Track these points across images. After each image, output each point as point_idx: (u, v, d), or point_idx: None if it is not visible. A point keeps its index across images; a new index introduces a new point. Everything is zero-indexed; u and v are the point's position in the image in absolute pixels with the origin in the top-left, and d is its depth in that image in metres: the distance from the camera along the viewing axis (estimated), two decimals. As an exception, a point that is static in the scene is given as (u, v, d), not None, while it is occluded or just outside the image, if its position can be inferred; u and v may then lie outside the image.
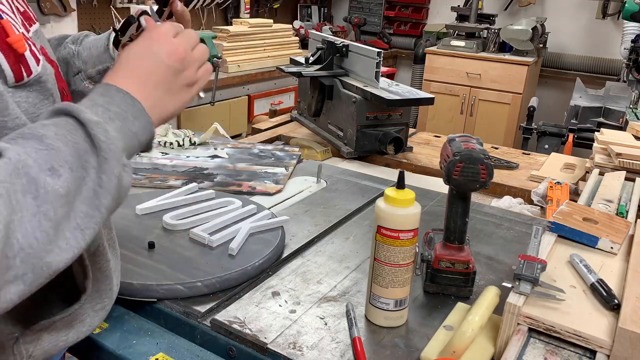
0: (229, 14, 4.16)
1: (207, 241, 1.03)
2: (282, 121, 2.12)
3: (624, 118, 2.52)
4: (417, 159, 1.74)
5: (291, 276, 1.00)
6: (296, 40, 3.75)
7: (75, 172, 0.55)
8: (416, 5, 4.96)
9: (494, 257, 1.11)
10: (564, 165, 1.67)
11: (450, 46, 4.11)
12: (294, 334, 0.83)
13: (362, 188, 1.42)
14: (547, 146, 2.83)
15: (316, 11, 5.07)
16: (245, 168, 1.50)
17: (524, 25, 3.89)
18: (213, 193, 1.24)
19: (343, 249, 1.11)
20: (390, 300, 0.85)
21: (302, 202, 1.32)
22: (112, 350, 0.82)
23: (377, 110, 1.69)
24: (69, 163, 0.55)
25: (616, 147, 1.43)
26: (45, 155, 0.53)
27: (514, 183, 1.55)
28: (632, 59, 3.07)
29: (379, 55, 1.66)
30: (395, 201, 0.81)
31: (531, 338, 0.79)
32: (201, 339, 0.86)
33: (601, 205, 1.15)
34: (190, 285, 0.91)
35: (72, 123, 0.58)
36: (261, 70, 3.33)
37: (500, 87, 3.97)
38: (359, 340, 0.81)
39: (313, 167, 1.52)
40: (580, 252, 0.94)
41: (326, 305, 0.91)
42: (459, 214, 0.93)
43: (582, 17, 4.35)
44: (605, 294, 0.82)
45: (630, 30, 3.56)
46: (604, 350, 0.74)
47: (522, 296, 0.79)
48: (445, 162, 0.90)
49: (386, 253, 0.83)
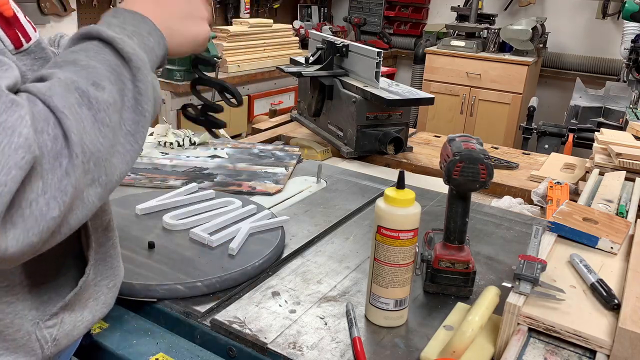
0: (229, 14, 4.16)
1: (207, 241, 1.03)
2: (282, 121, 2.12)
3: (624, 118, 2.52)
4: (417, 159, 1.74)
5: (291, 276, 1.00)
6: (296, 40, 3.75)
7: (115, 85, 0.59)
8: (416, 5, 4.96)
9: (494, 257, 1.11)
10: (564, 165, 1.67)
11: (450, 46, 4.11)
12: (294, 334, 0.83)
13: (362, 188, 1.42)
14: (547, 146, 2.83)
15: (316, 11, 5.07)
16: (245, 168, 1.50)
17: (524, 25, 3.89)
18: (213, 193, 1.24)
19: (343, 249, 1.11)
20: (390, 300, 0.85)
21: (302, 202, 1.32)
22: (112, 350, 0.82)
23: (377, 110, 1.69)
24: (107, 77, 0.59)
25: (616, 147, 1.43)
26: (85, 74, 0.57)
27: (514, 183, 1.55)
28: (632, 59, 3.07)
29: (379, 55, 1.66)
30: (395, 201, 0.81)
31: (531, 338, 0.79)
32: (201, 339, 0.86)
33: (601, 205, 1.15)
34: (190, 285, 0.91)
35: (97, 44, 0.61)
36: (261, 70, 3.33)
37: (500, 87, 3.97)
38: (359, 340, 0.81)
39: (313, 167, 1.52)
40: (580, 252, 0.94)
41: (326, 305, 0.91)
42: (459, 214, 0.93)
43: (582, 17, 4.35)
44: (605, 294, 0.82)
45: (630, 30, 3.56)
46: (604, 350, 0.74)
47: (522, 296, 0.79)
48: (445, 162, 0.90)
49: (386, 253, 0.83)
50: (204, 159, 1.55)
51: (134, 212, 1.14)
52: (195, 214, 1.14)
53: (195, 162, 1.51)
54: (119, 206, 1.16)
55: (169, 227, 1.09)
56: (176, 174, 1.43)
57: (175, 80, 2.83)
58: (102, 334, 0.85)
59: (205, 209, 1.17)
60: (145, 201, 1.17)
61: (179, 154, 1.57)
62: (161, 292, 0.90)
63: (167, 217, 1.10)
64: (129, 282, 0.89)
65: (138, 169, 1.44)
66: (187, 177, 1.40)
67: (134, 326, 0.87)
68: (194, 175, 1.43)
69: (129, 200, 1.19)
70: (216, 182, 1.38)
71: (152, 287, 0.90)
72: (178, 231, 1.08)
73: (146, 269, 0.94)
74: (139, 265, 0.95)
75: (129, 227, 1.09)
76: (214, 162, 1.53)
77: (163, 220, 1.10)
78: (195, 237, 1.05)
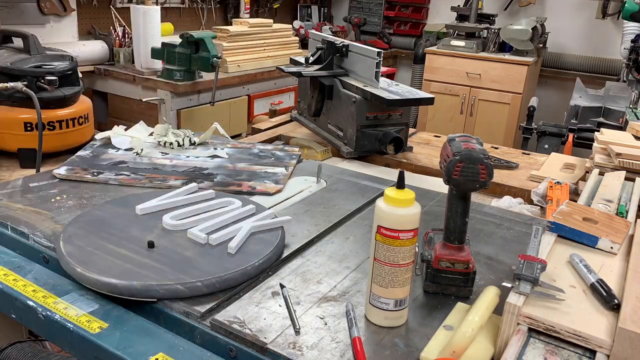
0: (229, 14, 4.16)
1: (208, 240, 1.03)
2: (282, 121, 2.12)
3: (623, 118, 2.52)
4: (417, 159, 1.74)
5: (291, 276, 1.00)
6: (296, 40, 3.75)
7: None
8: (416, 5, 4.97)
9: (493, 257, 1.11)
10: (564, 165, 1.67)
11: (450, 46, 4.11)
12: (294, 334, 0.83)
13: (362, 188, 1.43)
14: (547, 146, 2.83)
15: (316, 11, 5.07)
16: (245, 168, 1.50)
17: (524, 25, 3.89)
18: (213, 193, 1.24)
19: (343, 249, 1.11)
20: (390, 300, 0.85)
21: (302, 202, 1.32)
22: (112, 350, 0.82)
23: (377, 110, 1.69)
24: None
25: (616, 147, 1.43)
26: None
27: (514, 183, 1.55)
28: (632, 58, 3.07)
29: (379, 55, 1.66)
30: (395, 201, 0.81)
31: (531, 338, 0.79)
32: (201, 339, 0.86)
33: (601, 205, 1.15)
34: (190, 285, 0.91)
35: None
36: (261, 70, 3.33)
37: (500, 87, 3.97)
38: (359, 340, 0.81)
39: (313, 167, 1.52)
40: (580, 252, 0.94)
41: (326, 305, 0.91)
42: (458, 214, 0.93)
43: (582, 17, 4.36)
44: (605, 294, 0.82)
45: (630, 30, 3.56)
46: (603, 350, 0.74)
47: (522, 296, 0.79)
48: (445, 162, 0.90)
49: (386, 253, 0.83)
50: (204, 159, 1.55)
51: (134, 212, 1.14)
52: (195, 214, 1.14)
53: (195, 162, 1.51)
54: (119, 206, 1.16)
55: (168, 227, 1.09)
56: (176, 174, 1.43)
57: (175, 80, 2.83)
58: (102, 334, 0.85)
59: (205, 209, 1.17)
60: (145, 201, 1.17)
61: (179, 154, 1.57)
62: (161, 292, 0.90)
63: (166, 217, 1.10)
64: (129, 282, 0.89)
65: (138, 169, 1.44)
66: (187, 177, 1.40)
67: (134, 326, 0.87)
68: (194, 175, 1.43)
69: (128, 200, 1.19)
70: (216, 182, 1.38)
71: (152, 287, 0.90)
72: (178, 231, 1.08)
73: (146, 269, 0.94)
74: (139, 265, 0.95)
75: (129, 227, 1.09)
76: (214, 162, 1.53)
77: (163, 221, 1.10)
78: (193, 237, 1.05)
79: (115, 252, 0.99)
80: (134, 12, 2.97)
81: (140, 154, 1.54)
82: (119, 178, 1.36)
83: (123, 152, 1.55)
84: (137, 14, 2.95)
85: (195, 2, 3.93)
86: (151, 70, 3.00)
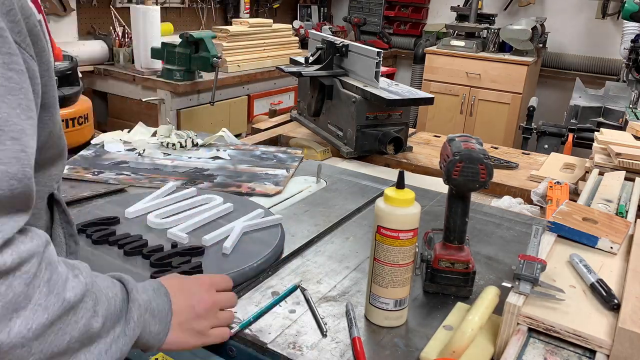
0: (229, 13, 4.16)
1: (202, 241, 1.03)
2: (282, 121, 2.12)
3: (623, 118, 2.52)
4: (417, 159, 1.74)
5: (291, 276, 1.00)
6: (296, 40, 3.75)
7: (102, 329, 0.65)
8: (416, 5, 4.96)
9: (493, 257, 1.11)
10: (564, 165, 1.67)
11: (450, 46, 4.11)
12: (294, 334, 0.83)
13: (362, 188, 1.43)
14: (546, 146, 2.83)
15: (316, 11, 5.07)
16: (246, 169, 1.50)
17: (524, 25, 3.89)
18: (195, 191, 1.24)
19: (343, 249, 1.11)
20: (390, 300, 0.85)
21: (302, 202, 1.32)
22: (112, 350, 0.82)
23: (377, 110, 1.69)
24: (105, 318, 0.65)
25: (616, 147, 1.43)
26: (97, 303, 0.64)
27: (513, 183, 1.55)
28: (631, 58, 3.08)
29: (379, 55, 1.66)
30: (395, 201, 0.81)
31: (531, 338, 0.79)
32: (201, 339, 0.86)
33: (601, 205, 1.15)
34: (190, 285, 0.90)
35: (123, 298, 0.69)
36: (261, 70, 3.33)
37: (500, 87, 3.96)
38: (359, 340, 0.81)
39: (313, 167, 1.52)
40: (580, 252, 0.94)
41: (326, 305, 0.91)
42: (458, 214, 0.93)
43: (581, 17, 4.35)
44: (605, 293, 0.82)
45: (629, 30, 3.56)
46: (603, 350, 0.74)
47: (522, 296, 0.79)
48: (445, 162, 0.90)
49: (386, 253, 0.83)
50: (205, 160, 1.55)
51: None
52: (174, 213, 1.14)
53: (196, 163, 1.51)
54: (119, 206, 1.16)
55: (154, 226, 1.09)
56: (176, 174, 1.43)
57: (175, 80, 2.83)
58: (102, 334, 0.85)
59: (183, 208, 1.16)
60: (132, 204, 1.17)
61: (181, 155, 1.57)
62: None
63: (151, 216, 1.11)
64: (129, 282, 0.89)
65: (139, 169, 1.44)
66: (187, 178, 1.40)
67: (134, 326, 0.87)
68: (194, 176, 1.43)
69: (129, 200, 1.19)
70: (216, 183, 1.38)
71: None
72: (165, 230, 1.08)
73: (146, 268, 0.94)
74: (139, 265, 0.95)
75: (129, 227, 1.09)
76: (215, 163, 1.53)
77: (148, 220, 1.10)
78: (173, 237, 1.05)
79: (114, 252, 0.99)
80: (133, 12, 2.97)
81: (142, 154, 1.54)
82: (119, 178, 1.36)
83: (125, 152, 1.55)
84: (137, 14, 2.95)
85: (195, 2, 3.93)
86: (151, 70, 3.00)
